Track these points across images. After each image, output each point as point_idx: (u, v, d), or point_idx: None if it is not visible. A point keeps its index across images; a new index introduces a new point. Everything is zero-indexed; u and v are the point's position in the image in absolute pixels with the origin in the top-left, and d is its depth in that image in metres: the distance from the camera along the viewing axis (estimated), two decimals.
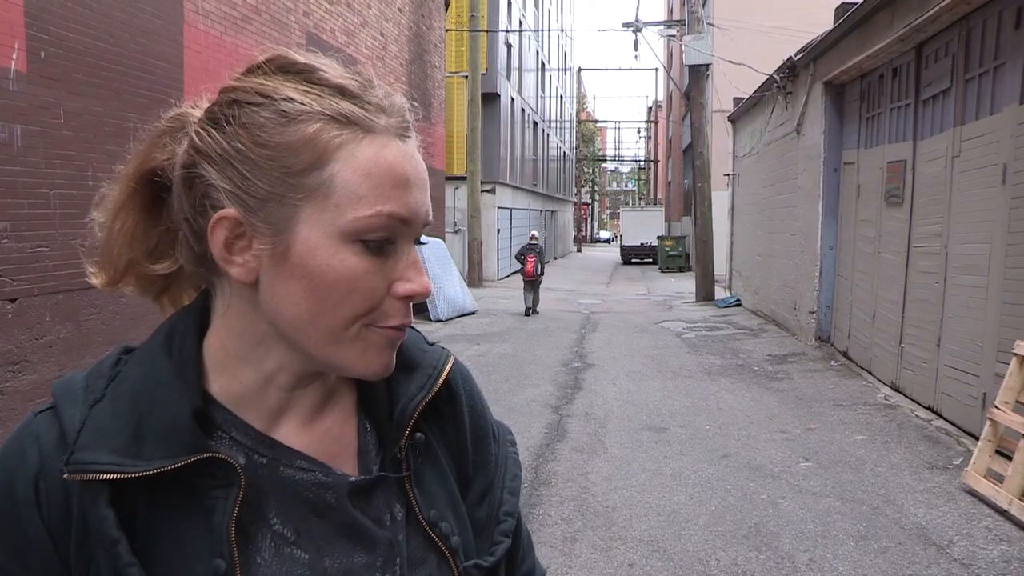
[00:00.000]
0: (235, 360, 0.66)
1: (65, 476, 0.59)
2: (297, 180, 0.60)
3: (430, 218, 0.65)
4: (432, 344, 0.79)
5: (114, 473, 0.58)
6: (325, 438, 0.69)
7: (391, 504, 0.69)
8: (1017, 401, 4.48)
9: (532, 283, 13.66)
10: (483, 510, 0.76)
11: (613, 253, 44.54)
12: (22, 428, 0.63)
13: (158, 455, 0.59)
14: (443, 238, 14.65)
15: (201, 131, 0.62)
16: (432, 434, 0.75)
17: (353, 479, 0.68)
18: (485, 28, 19.21)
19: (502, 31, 22.36)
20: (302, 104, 0.60)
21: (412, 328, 0.78)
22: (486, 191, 20.20)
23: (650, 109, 66.02)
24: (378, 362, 0.64)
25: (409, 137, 0.64)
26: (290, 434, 0.68)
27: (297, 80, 0.62)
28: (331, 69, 0.63)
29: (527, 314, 13.58)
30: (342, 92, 0.62)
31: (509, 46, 24.34)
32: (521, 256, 13.76)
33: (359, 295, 0.61)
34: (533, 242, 14.04)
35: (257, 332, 0.65)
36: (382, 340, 0.63)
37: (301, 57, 0.63)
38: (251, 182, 0.60)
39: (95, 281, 0.70)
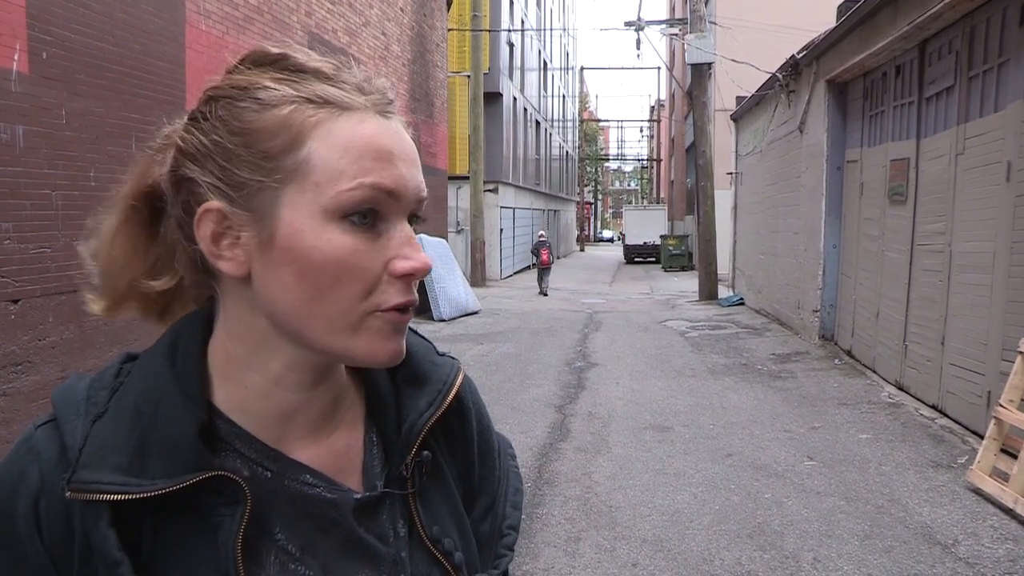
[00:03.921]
0: (239, 365, 0.64)
1: (67, 495, 0.57)
2: (275, 163, 0.59)
3: (423, 194, 0.63)
4: (443, 355, 0.78)
5: (117, 494, 0.57)
6: (331, 451, 0.68)
7: (395, 521, 0.69)
8: (1022, 399, 4.46)
9: (546, 270, 17.90)
10: (487, 524, 0.76)
11: (616, 252, 44.47)
12: (22, 443, 0.62)
13: (162, 474, 0.58)
14: (446, 238, 14.64)
15: (183, 133, 0.63)
16: (439, 449, 0.74)
17: (358, 496, 0.67)
18: (487, 28, 19.20)
19: (504, 30, 22.36)
20: (276, 90, 0.60)
21: (422, 337, 0.77)
22: (489, 191, 20.22)
23: (652, 108, 66.01)
24: (386, 350, 0.62)
25: (390, 115, 0.63)
26: (296, 445, 0.66)
27: (273, 70, 0.62)
28: (304, 55, 0.63)
29: (540, 293, 17.52)
30: (316, 75, 0.61)
31: (511, 45, 24.33)
32: (536, 250, 18.29)
33: (352, 275, 0.59)
34: (543, 239, 18.44)
35: (258, 332, 0.63)
36: (387, 326, 0.61)
37: (275, 48, 0.63)
38: (230, 172, 0.60)
39: (95, 308, 0.68)
